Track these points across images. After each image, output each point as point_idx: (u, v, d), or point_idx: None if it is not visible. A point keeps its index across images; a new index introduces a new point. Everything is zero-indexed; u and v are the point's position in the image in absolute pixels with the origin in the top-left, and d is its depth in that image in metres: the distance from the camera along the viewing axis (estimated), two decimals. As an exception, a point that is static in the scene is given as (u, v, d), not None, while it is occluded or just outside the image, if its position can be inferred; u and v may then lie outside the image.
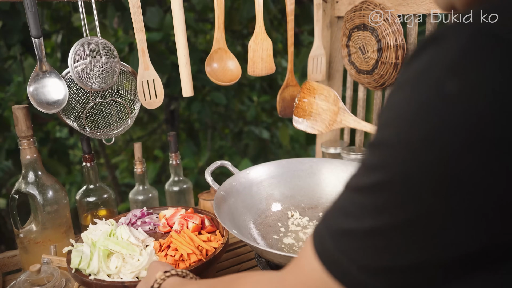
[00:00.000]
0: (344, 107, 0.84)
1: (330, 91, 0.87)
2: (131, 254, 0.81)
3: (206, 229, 0.93)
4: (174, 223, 0.94)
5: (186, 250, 0.81)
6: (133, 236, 0.86)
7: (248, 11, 2.06)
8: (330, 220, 0.40)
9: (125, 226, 0.89)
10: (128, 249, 0.81)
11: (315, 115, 0.88)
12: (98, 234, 0.86)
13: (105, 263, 0.78)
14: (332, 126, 0.86)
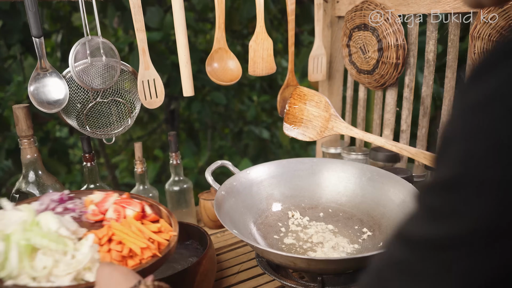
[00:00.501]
0: (336, 114, 0.84)
1: (321, 97, 0.87)
2: (63, 249, 0.62)
3: (148, 218, 0.77)
4: (107, 210, 0.78)
5: (138, 244, 0.67)
6: (63, 227, 0.66)
7: (248, 11, 2.06)
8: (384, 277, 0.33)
9: (51, 213, 0.68)
10: (59, 243, 0.62)
11: (306, 121, 0.88)
12: (9, 224, 0.64)
13: (28, 262, 0.59)
14: (323, 133, 0.86)
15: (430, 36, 1.07)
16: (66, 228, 0.66)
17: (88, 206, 0.79)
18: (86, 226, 0.74)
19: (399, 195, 0.94)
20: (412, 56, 1.12)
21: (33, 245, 0.61)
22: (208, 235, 0.92)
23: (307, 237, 0.97)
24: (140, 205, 0.78)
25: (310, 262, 0.75)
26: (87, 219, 0.77)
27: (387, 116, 1.22)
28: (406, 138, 1.19)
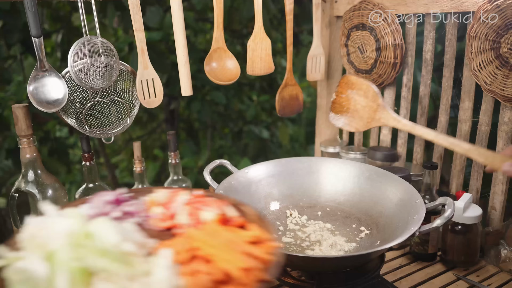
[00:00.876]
0: (384, 104, 0.79)
1: (369, 86, 0.82)
2: (130, 273, 0.44)
3: (232, 223, 0.57)
4: (176, 214, 0.59)
5: (235, 263, 0.45)
6: (126, 239, 0.47)
7: (247, 11, 2.06)
8: None
9: (107, 220, 0.50)
10: (123, 263, 0.44)
11: (353, 111, 0.82)
12: (53, 236, 0.46)
13: None
14: (370, 124, 0.79)
15: (428, 36, 1.07)
16: (130, 241, 0.47)
17: (151, 209, 0.61)
18: (153, 235, 0.53)
19: (397, 194, 0.94)
20: (410, 55, 1.13)
21: (88, 268, 0.44)
22: (207, 234, 0.92)
23: (305, 236, 0.98)
24: (219, 205, 0.59)
25: (307, 260, 0.76)
26: (153, 226, 0.58)
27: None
28: (404, 137, 1.19)
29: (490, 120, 0.98)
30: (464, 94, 1.02)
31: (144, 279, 0.43)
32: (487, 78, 0.93)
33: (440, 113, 1.08)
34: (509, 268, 0.96)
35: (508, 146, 0.95)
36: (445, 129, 1.08)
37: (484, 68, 0.93)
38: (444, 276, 0.96)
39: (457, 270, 0.98)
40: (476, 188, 1.03)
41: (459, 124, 1.04)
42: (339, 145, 1.29)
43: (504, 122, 0.95)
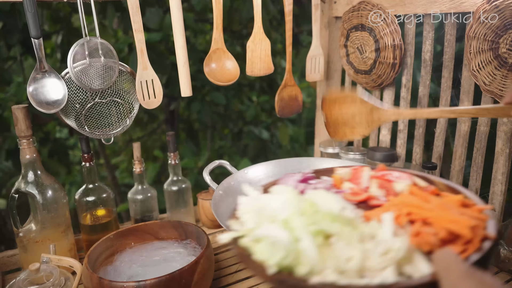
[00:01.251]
0: (376, 104, 0.76)
1: (352, 95, 0.78)
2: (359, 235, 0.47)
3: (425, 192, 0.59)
4: (367, 187, 0.62)
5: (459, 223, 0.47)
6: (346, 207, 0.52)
7: (247, 11, 2.07)
8: None
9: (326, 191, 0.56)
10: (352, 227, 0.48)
11: (350, 122, 0.80)
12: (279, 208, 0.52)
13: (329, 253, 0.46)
14: (372, 126, 0.77)
15: (427, 36, 1.08)
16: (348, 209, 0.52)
17: (343, 184, 0.64)
18: None
19: (396, 194, 0.95)
20: (409, 56, 1.13)
21: (324, 230, 0.47)
22: (206, 234, 0.92)
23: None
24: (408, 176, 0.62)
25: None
26: (348, 200, 0.60)
27: (385, 116, 1.22)
28: (404, 137, 1.19)
29: (489, 120, 0.98)
30: (463, 94, 1.02)
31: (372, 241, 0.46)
32: (486, 78, 0.93)
33: (439, 113, 1.08)
34: (508, 268, 0.96)
35: (505, 146, 0.95)
36: (444, 129, 1.08)
37: (483, 68, 0.93)
38: None
39: (457, 270, 0.98)
40: (475, 188, 1.03)
41: (458, 124, 1.04)
42: (339, 146, 1.29)
43: (503, 122, 0.95)
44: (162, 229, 1.00)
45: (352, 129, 0.79)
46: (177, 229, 1.00)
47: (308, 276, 0.44)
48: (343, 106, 0.79)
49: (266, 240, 0.47)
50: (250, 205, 0.57)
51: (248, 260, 0.48)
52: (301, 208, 0.51)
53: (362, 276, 0.44)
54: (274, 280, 0.45)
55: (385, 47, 1.12)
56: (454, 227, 0.47)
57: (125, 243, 0.97)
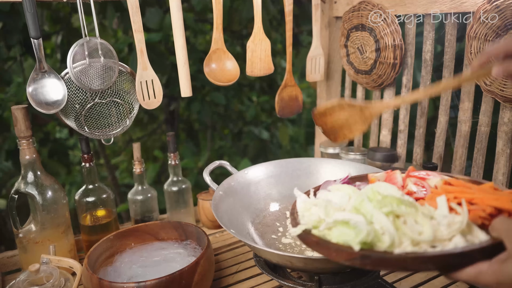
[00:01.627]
0: (363, 103, 0.78)
1: (339, 103, 0.81)
2: (422, 214, 0.57)
3: None
4: (403, 186, 0.71)
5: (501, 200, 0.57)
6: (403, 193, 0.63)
7: (247, 12, 2.07)
8: None
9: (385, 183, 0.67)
10: (415, 208, 0.58)
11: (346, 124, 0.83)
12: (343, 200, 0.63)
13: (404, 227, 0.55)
14: (368, 121, 0.80)
15: (427, 36, 1.07)
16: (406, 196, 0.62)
17: None
18: None
19: (396, 195, 0.94)
20: (410, 56, 1.13)
21: (394, 211, 0.56)
22: (207, 235, 0.92)
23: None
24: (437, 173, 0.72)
25: (307, 261, 0.76)
26: None
27: (385, 116, 1.22)
28: (404, 138, 1.19)
29: (489, 121, 0.98)
30: (463, 94, 1.01)
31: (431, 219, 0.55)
32: (486, 78, 0.93)
33: (440, 113, 1.08)
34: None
35: (506, 147, 0.95)
36: (444, 130, 1.08)
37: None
38: (444, 277, 0.96)
39: (457, 270, 0.98)
40: (476, 188, 1.03)
41: (459, 125, 1.04)
42: (339, 146, 1.29)
43: (503, 123, 0.95)
44: (162, 230, 1.00)
45: (350, 129, 0.81)
46: (177, 229, 1.00)
47: (390, 249, 0.52)
48: (333, 115, 0.81)
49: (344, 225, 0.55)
50: (308, 203, 0.66)
51: (328, 245, 0.55)
52: (368, 196, 0.60)
53: (434, 246, 0.52)
54: (360, 256, 0.52)
55: (385, 47, 1.11)
56: (498, 203, 0.56)
57: (125, 243, 0.97)
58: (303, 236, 0.60)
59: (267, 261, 0.86)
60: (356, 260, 0.52)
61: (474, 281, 0.49)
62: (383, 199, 0.58)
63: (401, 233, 0.54)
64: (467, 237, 0.53)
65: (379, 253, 0.52)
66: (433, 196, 0.63)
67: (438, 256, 0.50)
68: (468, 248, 0.50)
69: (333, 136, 0.83)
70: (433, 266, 0.50)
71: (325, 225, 0.57)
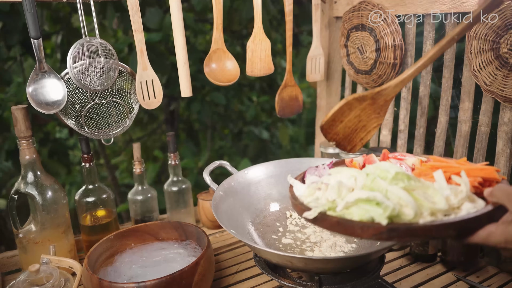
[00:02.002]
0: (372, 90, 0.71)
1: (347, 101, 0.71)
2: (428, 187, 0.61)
3: None
4: None
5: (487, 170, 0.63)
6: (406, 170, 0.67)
7: (247, 12, 2.06)
8: None
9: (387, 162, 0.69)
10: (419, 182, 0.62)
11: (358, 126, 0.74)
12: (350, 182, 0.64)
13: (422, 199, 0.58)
14: (383, 110, 0.72)
15: (428, 36, 1.07)
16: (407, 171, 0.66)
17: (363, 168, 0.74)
18: None
19: (396, 195, 0.94)
20: (410, 56, 1.12)
21: (408, 186, 0.60)
22: (207, 235, 0.92)
23: (305, 237, 0.98)
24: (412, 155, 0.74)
25: (307, 261, 0.76)
26: None
27: (385, 116, 1.22)
28: (404, 138, 1.19)
29: (490, 121, 0.98)
30: (464, 94, 1.01)
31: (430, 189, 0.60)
32: (486, 78, 0.93)
33: (440, 113, 1.08)
34: (509, 269, 0.96)
35: (506, 147, 0.95)
36: (445, 129, 1.08)
37: (483, 68, 0.93)
38: (444, 277, 0.96)
39: (457, 271, 0.98)
40: (476, 188, 1.03)
41: (459, 125, 1.04)
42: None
43: (504, 123, 0.94)
44: (162, 230, 1.00)
45: (366, 129, 0.74)
46: (177, 229, 1.00)
47: (415, 220, 0.55)
48: (343, 119, 0.73)
49: (367, 202, 0.57)
50: (311, 187, 0.66)
51: (351, 223, 0.56)
52: (378, 174, 0.62)
53: (447, 215, 0.56)
54: (388, 230, 0.54)
55: (385, 47, 1.11)
56: (484, 173, 0.62)
57: (125, 243, 0.97)
58: (320, 219, 0.60)
59: (267, 261, 0.86)
60: (383, 234, 0.54)
61: (485, 242, 0.54)
62: (396, 176, 0.61)
63: (420, 205, 0.57)
64: (473, 204, 0.58)
65: (405, 225, 0.54)
66: (420, 173, 0.67)
67: (459, 221, 0.54)
68: (481, 212, 0.55)
69: (350, 146, 0.76)
70: (453, 232, 0.54)
71: (343, 204, 0.58)
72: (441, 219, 0.55)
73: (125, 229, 0.98)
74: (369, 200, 0.57)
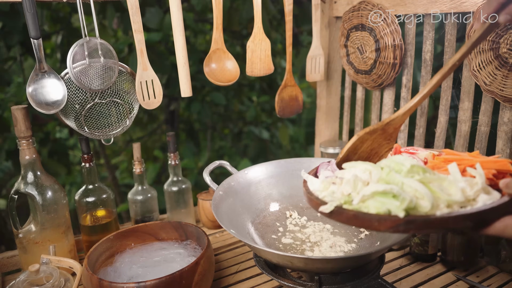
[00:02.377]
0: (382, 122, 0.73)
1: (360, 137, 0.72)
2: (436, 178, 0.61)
3: None
4: None
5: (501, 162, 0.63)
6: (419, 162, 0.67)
7: (247, 12, 2.07)
8: None
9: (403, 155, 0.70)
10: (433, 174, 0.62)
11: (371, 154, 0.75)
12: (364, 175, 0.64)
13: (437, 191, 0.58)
14: (393, 137, 0.75)
15: (427, 36, 1.07)
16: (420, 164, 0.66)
17: None
18: None
19: (396, 195, 0.94)
20: (409, 56, 1.12)
21: (422, 178, 0.60)
22: (207, 235, 0.92)
23: (305, 237, 0.98)
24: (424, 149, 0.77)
25: (307, 261, 0.76)
26: None
27: (385, 116, 1.22)
28: (404, 137, 1.19)
29: (489, 121, 0.98)
30: (463, 94, 1.01)
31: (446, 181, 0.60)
32: (486, 78, 0.93)
33: (440, 113, 1.08)
34: (509, 269, 0.96)
35: (506, 147, 0.95)
36: (444, 129, 1.08)
37: (483, 68, 0.93)
38: (444, 276, 0.96)
39: (457, 270, 0.98)
40: (476, 188, 1.03)
41: (459, 125, 1.04)
42: (339, 146, 1.29)
43: (503, 123, 0.94)
44: (162, 230, 1.00)
45: (378, 155, 0.76)
46: (177, 229, 1.00)
47: (431, 212, 0.55)
48: (357, 151, 0.74)
49: (383, 195, 0.57)
50: (326, 182, 0.67)
51: (368, 216, 0.56)
52: (393, 167, 0.62)
53: (463, 207, 0.56)
54: (405, 222, 0.54)
55: (385, 47, 1.11)
56: (498, 166, 0.62)
57: (125, 244, 0.97)
58: (336, 212, 0.60)
59: (267, 261, 0.86)
60: (400, 226, 0.54)
61: (501, 234, 0.54)
62: (411, 168, 0.61)
63: (436, 197, 0.57)
64: (488, 195, 0.58)
65: (422, 217, 0.55)
66: (433, 166, 0.68)
67: (476, 212, 0.54)
68: (498, 203, 0.55)
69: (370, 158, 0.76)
70: (470, 223, 0.54)
71: (360, 197, 0.59)
72: (458, 211, 0.55)
73: (125, 229, 0.98)
74: (385, 193, 0.57)
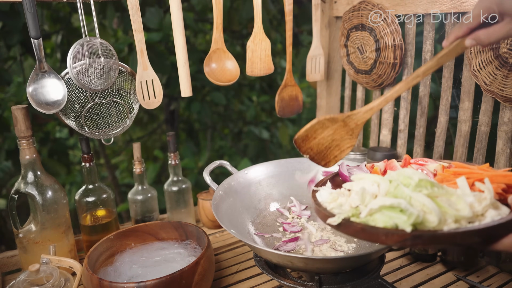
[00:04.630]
0: (343, 114, 0.76)
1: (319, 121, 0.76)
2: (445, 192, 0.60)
3: None
4: None
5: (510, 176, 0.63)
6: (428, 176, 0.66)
7: (247, 11, 2.06)
8: None
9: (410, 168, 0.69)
10: (442, 188, 0.61)
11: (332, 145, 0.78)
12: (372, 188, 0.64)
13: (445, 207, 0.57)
14: (355, 133, 0.77)
15: (427, 36, 1.07)
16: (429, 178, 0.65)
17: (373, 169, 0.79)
18: None
19: (396, 195, 0.94)
20: (410, 56, 1.12)
21: (432, 193, 0.60)
22: (207, 235, 0.92)
23: (305, 237, 0.98)
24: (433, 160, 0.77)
25: (307, 261, 0.76)
26: None
27: (385, 116, 1.22)
28: (404, 137, 1.19)
29: (489, 120, 0.98)
30: (463, 94, 1.01)
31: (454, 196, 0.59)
32: (486, 78, 0.93)
33: (440, 113, 1.08)
34: (509, 269, 0.96)
35: (506, 146, 0.95)
36: (445, 129, 1.08)
37: (483, 68, 0.93)
38: (444, 276, 0.96)
39: (457, 270, 0.98)
40: (476, 188, 1.03)
41: (459, 124, 1.04)
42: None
43: (503, 122, 0.94)
44: (162, 230, 1.00)
45: (339, 148, 0.78)
46: (178, 229, 1.00)
47: (439, 227, 0.54)
48: (317, 136, 0.77)
49: (391, 209, 0.56)
50: (334, 193, 0.68)
51: (375, 230, 0.56)
52: (401, 181, 0.62)
53: (471, 222, 0.56)
54: (412, 237, 0.53)
55: (385, 47, 1.11)
56: (509, 180, 0.62)
57: (125, 243, 0.97)
58: (344, 225, 0.60)
59: (267, 261, 0.86)
60: (408, 241, 0.54)
61: (510, 250, 0.53)
62: (419, 183, 0.60)
63: (444, 212, 0.56)
64: (497, 211, 0.57)
65: (430, 232, 0.54)
66: (442, 179, 0.67)
67: (484, 228, 0.53)
68: (506, 219, 0.54)
69: (324, 162, 0.79)
70: (478, 239, 0.54)
71: (367, 211, 0.58)
72: (465, 226, 0.54)
73: (125, 229, 0.98)
74: (393, 207, 0.57)
